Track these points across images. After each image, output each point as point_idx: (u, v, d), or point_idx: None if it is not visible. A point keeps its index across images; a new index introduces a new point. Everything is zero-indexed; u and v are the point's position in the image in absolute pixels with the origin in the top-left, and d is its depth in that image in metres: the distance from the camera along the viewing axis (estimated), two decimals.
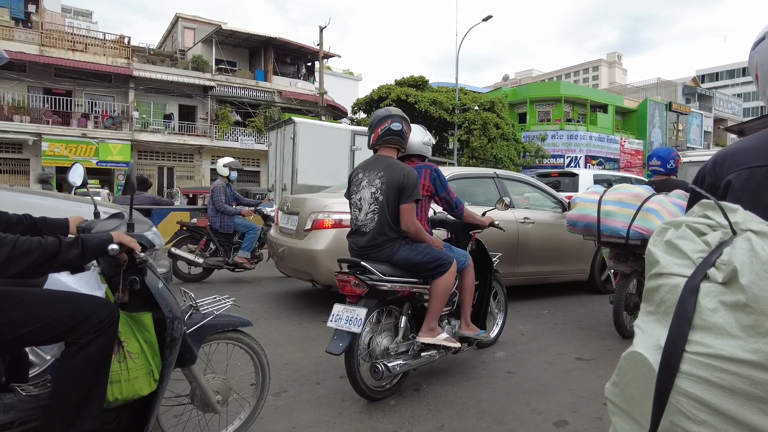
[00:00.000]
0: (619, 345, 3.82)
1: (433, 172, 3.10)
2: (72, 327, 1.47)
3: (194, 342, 1.87)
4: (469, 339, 3.14)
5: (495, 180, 5.28)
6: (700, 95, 45.29)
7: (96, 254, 1.52)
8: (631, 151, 34.91)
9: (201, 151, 25.39)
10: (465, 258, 3.08)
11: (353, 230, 2.86)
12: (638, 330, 0.95)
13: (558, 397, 2.80)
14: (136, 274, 1.67)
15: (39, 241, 1.39)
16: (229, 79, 25.83)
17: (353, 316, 2.54)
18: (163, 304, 1.69)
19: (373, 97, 24.98)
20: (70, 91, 22.83)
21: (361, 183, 2.83)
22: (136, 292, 1.68)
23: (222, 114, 25.33)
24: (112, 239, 1.53)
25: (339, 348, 2.50)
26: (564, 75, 69.62)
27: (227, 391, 2.04)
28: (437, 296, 2.78)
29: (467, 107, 23.96)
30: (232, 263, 6.21)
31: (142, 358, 1.64)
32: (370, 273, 2.62)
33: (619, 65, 79.65)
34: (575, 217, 4.16)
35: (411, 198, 2.69)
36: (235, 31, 26.30)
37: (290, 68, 29.15)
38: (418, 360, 2.80)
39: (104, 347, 1.51)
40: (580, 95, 34.48)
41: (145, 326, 1.67)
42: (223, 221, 6.20)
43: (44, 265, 1.39)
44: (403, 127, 2.86)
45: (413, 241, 2.78)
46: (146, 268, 1.68)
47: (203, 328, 1.90)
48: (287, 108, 26.76)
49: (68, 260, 1.44)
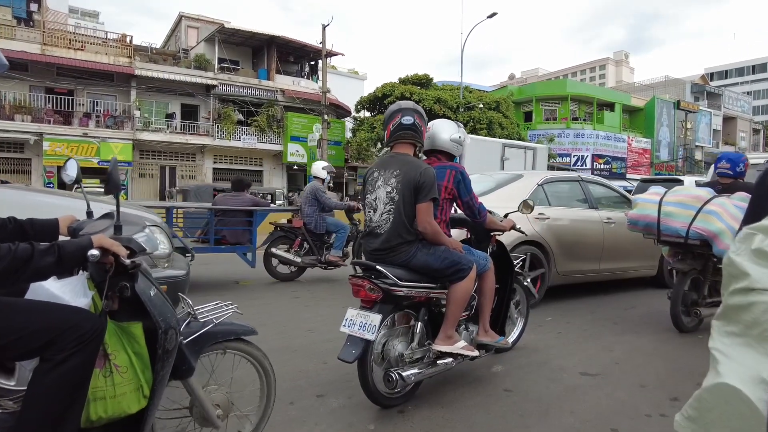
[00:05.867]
0: (628, 358, 3.52)
1: (458, 174, 2.93)
2: (48, 341, 1.33)
3: (191, 352, 1.73)
4: (488, 346, 3.00)
5: (580, 183, 5.75)
6: (708, 93, 44.65)
7: (75, 262, 1.38)
8: (639, 150, 34.44)
9: (203, 150, 25.20)
10: (485, 261, 2.93)
11: (367, 232, 2.73)
12: (720, 355, 0.76)
13: (560, 420, 2.51)
14: (127, 280, 1.53)
15: (8, 247, 1.26)
16: (231, 78, 25.64)
17: (367, 322, 2.43)
18: (155, 312, 1.55)
19: (377, 95, 24.75)
20: (71, 90, 22.69)
21: (377, 182, 2.70)
22: (126, 299, 1.54)
23: (224, 113, 25.13)
24: (91, 244, 1.39)
25: (352, 355, 2.41)
26: (570, 74, 68.94)
27: (228, 404, 1.89)
28: (455, 302, 2.66)
29: (472, 105, 23.64)
30: (325, 261, 6.49)
31: (131, 373, 1.50)
32: (385, 277, 2.50)
33: (626, 64, 78.85)
34: (636, 216, 4.35)
35: (428, 197, 2.55)
36: (238, 30, 26.11)
37: (293, 67, 28.93)
38: (434, 368, 2.67)
39: (83, 365, 1.37)
40: (586, 93, 34.06)
41: (135, 337, 1.53)
42: (317, 221, 6.46)
43: (14, 274, 1.26)
44: (416, 120, 2.71)
45: (431, 244, 2.64)
46: (138, 273, 1.55)
47: (202, 337, 1.76)
48: (290, 107, 26.55)
49: (42, 269, 1.31)
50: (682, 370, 3.24)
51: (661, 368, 3.27)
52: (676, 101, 37.66)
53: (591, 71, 77.61)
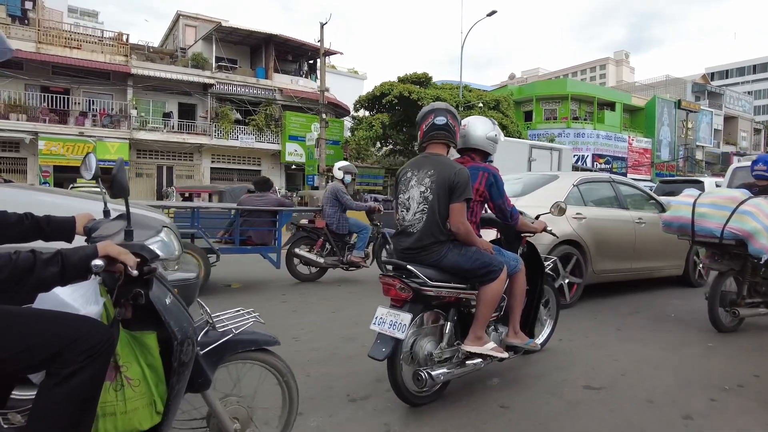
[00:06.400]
0: (634, 369, 3.32)
1: (490, 176, 2.91)
2: (54, 354, 1.25)
3: (209, 364, 1.63)
4: (517, 348, 2.99)
5: (611, 183, 5.91)
6: (710, 93, 44.43)
7: (78, 272, 1.27)
8: (639, 149, 34.23)
9: (201, 149, 25.00)
10: (516, 262, 2.91)
11: (399, 231, 2.75)
12: None
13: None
14: (141, 287, 1.43)
15: (9, 257, 1.17)
16: (229, 77, 25.43)
17: (397, 321, 2.46)
18: (171, 322, 1.45)
19: (375, 94, 24.54)
20: (67, 89, 22.46)
21: (410, 182, 2.71)
22: (140, 307, 1.45)
23: (222, 112, 24.92)
24: (96, 253, 1.28)
25: (382, 353, 2.43)
26: (571, 73, 68.68)
27: (248, 418, 1.79)
28: (486, 303, 2.66)
29: (472, 104, 23.41)
30: (347, 262, 6.49)
31: (144, 386, 1.41)
32: (415, 277, 2.52)
33: (627, 63, 78.60)
34: (670, 218, 4.44)
35: (462, 197, 2.56)
36: (236, 29, 25.90)
37: (292, 66, 28.72)
38: (462, 368, 2.68)
39: (92, 379, 1.28)
40: (587, 93, 33.86)
41: (149, 348, 1.43)
42: (340, 222, 6.45)
43: (15, 285, 1.17)
44: (448, 121, 2.71)
45: (462, 244, 2.65)
46: (153, 279, 1.45)
47: (220, 348, 1.66)
48: (288, 106, 26.34)
49: (44, 279, 1.21)
50: (692, 383, 3.03)
51: (670, 381, 3.07)
52: (677, 101, 37.43)
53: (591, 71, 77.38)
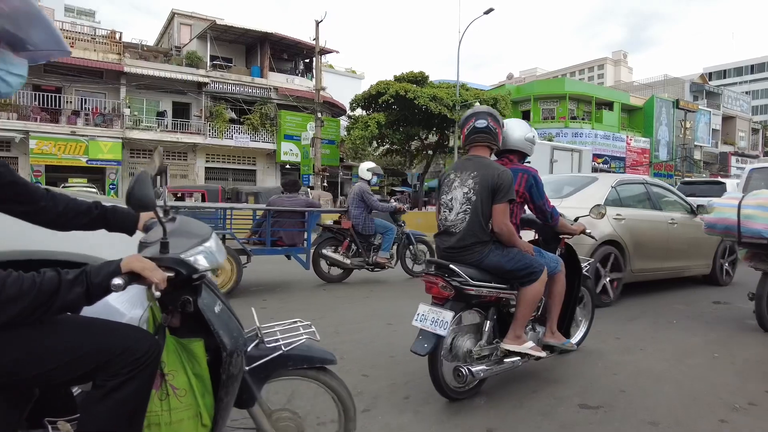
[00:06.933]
0: (635, 384, 3.08)
1: (530, 178, 2.97)
2: (99, 366, 1.20)
3: (256, 380, 1.54)
4: (554, 347, 3.04)
5: (645, 185, 6.07)
6: (708, 92, 44.23)
7: (103, 291, 1.18)
8: (638, 149, 34.01)
9: (195, 149, 24.73)
10: (556, 263, 2.97)
11: (442, 231, 2.82)
12: None
13: None
14: (190, 294, 1.36)
15: (32, 279, 1.09)
16: (224, 76, 25.17)
17: (439, 318, 2.54)
18: (221, 332, 1.38)
19: (371, 93, 24.27)
20: (59, 87, 22.20)
21: (453, 183, 2.79)
22: (189, 314, 1.37)
23: (216, 111, 24.64)
24: (119, 270, 1.18)
25: (424, 349, 2.52)
26: (569, 73, 68.47)
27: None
28: (525, 304, 2.72)
29: (469, 103, 23.16)
30: (373, 263, 6.49)
31: (189, 397, 1.34)
32: (457, 276, 2.60)
33: (625, 63, 78.45)
34: (714, 220, 4.49)
35: (505, 198, 2.63)
36: (231, 27, 25.64)
37: (287, 64, 28.47)
38: (501, 366, 2.74)
39: (139, 392, 1.23)
40: (585, 92, 33.63)
41: (196, 357, 1.36)
42: (366, 223, 6.45)
43: (39, 309, 1.09)
44: (489, 123, 2.78)
45: (504, 245, 2.71)
46: (201, 286, 1.39)
47: (269, 364, 1.56)
48: (283, 105, 26.08)
49: (69, 303, 1.13)
50: (698, 401, 2.79)
51: (673, 398, 2.82)
52: (675, 100, 37.23)
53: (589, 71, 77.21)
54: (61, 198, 1.49)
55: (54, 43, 1.26)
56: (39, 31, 1.20)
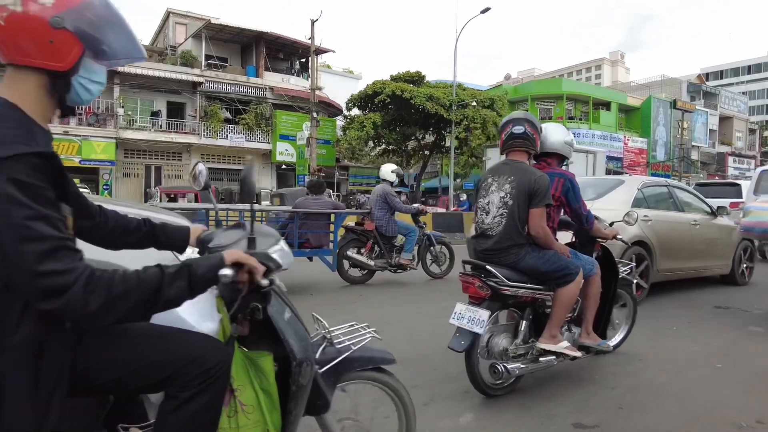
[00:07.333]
0: (634, 399, 2.91)
1: (567, 182, 3.02)
2: (171, 375, 1.19)
3: (328, 384, 1.51)
4: (589, 348, 3.09)
5: (668, 187, 6.25)
6: (705, 93, 44.17)
7: (206, 285, 1.18)
8: (635, 149, 33.91)
9: (189, 149, 24.51)
10: (592, 266, 3.01)
11: (479, 233, 2.89)
12: None
13: None
14: (259, 301, 1.33)
15: (137, 275, 1.09)
16: (218, 75, 24.96)
17: (476, 317, 2.63)
18: (291, 340, 1.35)
19: (368, 93, 24.10)
20: None
21: (490, 187, 2.86)
22: (257, 322, 1.35)
23: (211, 111, 24.42)
24: (223, 261, 1.18)
25: (461, 346, 2.63)
26: (566, 74, 68.43)
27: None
28: (561, 305, 2.78)
29: (465, 103, 23.00)
30: (395, 264, 6.53)
31: (257, 413, 1.30)
32: (494, 277, 2.68)
33: (622, 64, 78.51)
34: (752, 223, 4.62)
35: (542, 202, 2.69)
36: (226, 26, 25.44)
37: (283, 64, 28.26)
38: (536, 364, 2.82)
39: (211, 405, 1.21)
40: (582, 92, 33.52)
41: (264, 372, 1.33)
42: (389, 225, 6.48)
43: (144, 306, 1.09)
44: (526, 129, 2.84)
45: (540, 248, 2.77)
46: (271, 293, 1.36)
47: (340, 366, 1.54)
48: (279, 105, 25.88)
49: (172, 298, 1.12)
50: (702, 419, 2.62)
51: (675, 416, 2.65)
52: (673, 101, 37.14)
53: (587, 71, 77.23)
54: (111, 214, 1.45)
55: (133, 49, 1.24)
56: (121, 37, 1.19)
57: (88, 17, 1.11)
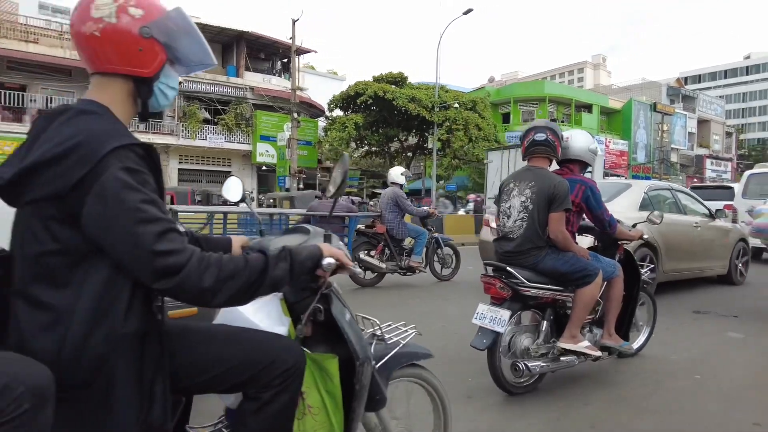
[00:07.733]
0: (609, 416, 2.76)
1: (587, 189, 3.05)
2: (253, 376, 1.20)
3: (383, 380, 1.52)
4: (611, 349, 3.14)
5: (671, 191, 6.54)
6: (684, 96, 44.94)
7: (304, 271, 1.20)
8: (616, 151, 34.28)
9: (168, 150, 23.98)
10: (613, 268, 3.06)
11: (500, 236, 2.99)
12: None
13: None
14: (321, 302, 1.34)
15: (243, 257, 1.12)
16: (198, 75, 24.48)
17: (497, 317, 2.71)
18: (353, 340, 1.36)
19: (350, 93, 23.92)
20: (24, 85, 21.34)
21: (512, 192, 2.95)
22: (319, 324, 1.37)
23: (190, 111, 23.97)
24: (322, 253, 1.22)
25: (483, 344, 2.72)
26: (549, 76, 69.12)
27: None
28: (581, 305, 2.84)
29: (447, 105, 22.93)
30: (405, 267, 6.60)
31: (323, 415, 1.31)
32: (514, 278, 2.76)
33: (604, 67, 79.65)
34: (764, 225, 4.82)
35: (561, 207, 2.77)
36: (206, 25, 24.94)
37: (264, 64, 27.92)
38: (557, 364, 2.88)
39: (289, 405, 1.24)
40: (564, 95, 33.81)
41: (329, 374, 1.33)
42: (399, 227, 6.55)
43: (252, 287, 1.11)
44: (548, 137, 2.92)
45: (560, 250, 2.83)
46: (332, 294, 1.37)
47: (390, 361, 1.57)
48: (260, 105, 25.52)
49: (277, 279, 1.14)
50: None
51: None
52: (653, 103, 37.67)
53: (569, 74, 78.16)
54: None
55: (204, 56, 1.30)
56: (194, 45, 1.25)
57: (170, 27, 1.18)
